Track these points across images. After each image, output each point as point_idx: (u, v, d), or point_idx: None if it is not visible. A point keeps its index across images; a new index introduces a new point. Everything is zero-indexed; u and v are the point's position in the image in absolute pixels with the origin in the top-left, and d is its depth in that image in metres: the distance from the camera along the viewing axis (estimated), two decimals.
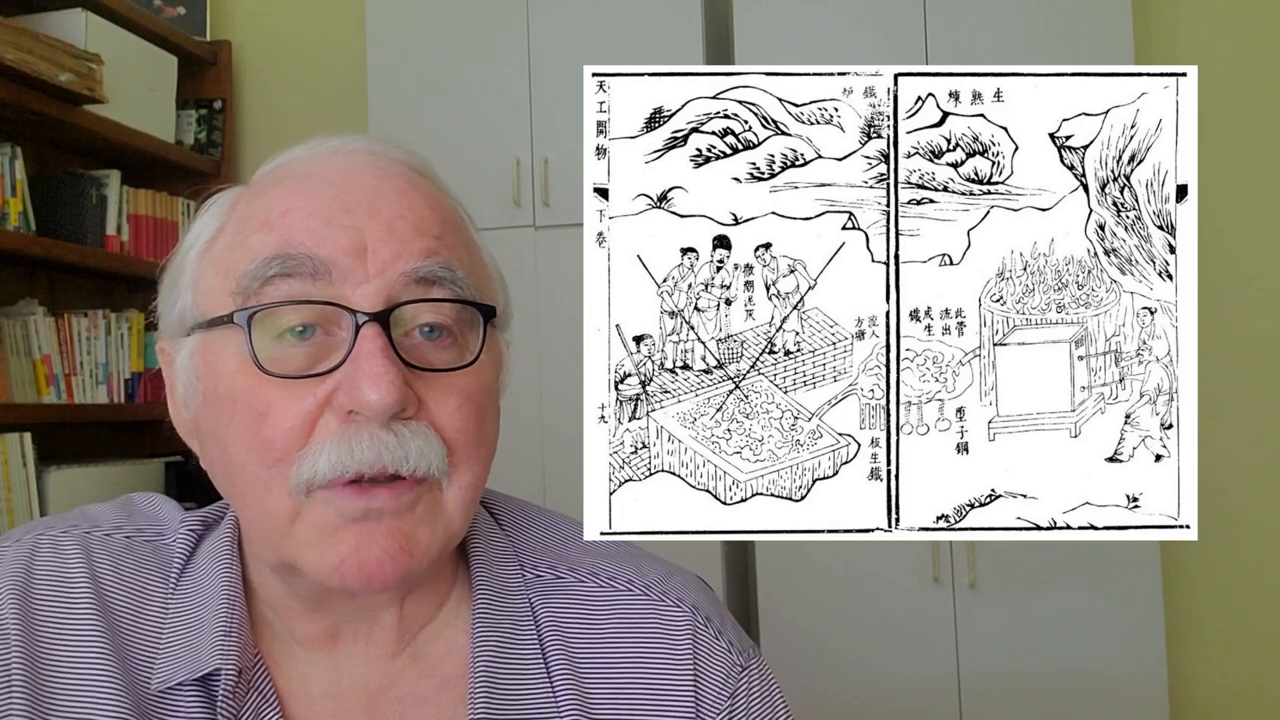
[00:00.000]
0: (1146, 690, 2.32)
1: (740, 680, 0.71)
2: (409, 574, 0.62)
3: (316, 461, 0.60)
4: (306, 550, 0.61)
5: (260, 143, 2.97)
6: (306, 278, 0.61)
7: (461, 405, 0.63)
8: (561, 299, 2.42)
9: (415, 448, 0.60)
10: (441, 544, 0.64)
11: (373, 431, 0.60)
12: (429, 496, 0.63)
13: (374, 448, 0.60)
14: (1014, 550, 2.35)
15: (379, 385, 0.59)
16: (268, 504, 0.62)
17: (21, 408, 2.20)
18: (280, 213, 0.63)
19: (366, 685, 0.67)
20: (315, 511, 0.61)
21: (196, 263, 0.66)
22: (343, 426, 0.60)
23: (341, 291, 0.61)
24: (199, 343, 0.65)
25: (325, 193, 0.64)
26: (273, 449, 0.61)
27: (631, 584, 0.72)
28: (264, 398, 0.61)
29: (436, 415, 0.62)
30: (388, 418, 0.60)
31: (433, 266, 0.63)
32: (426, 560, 0.63)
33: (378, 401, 0.59)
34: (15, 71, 2.09)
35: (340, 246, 0.62)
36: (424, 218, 0.64)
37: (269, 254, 0.62)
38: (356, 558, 0.60)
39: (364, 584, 0.61)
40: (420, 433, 0.61)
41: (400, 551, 0.61)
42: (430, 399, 0.62)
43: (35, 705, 0.63)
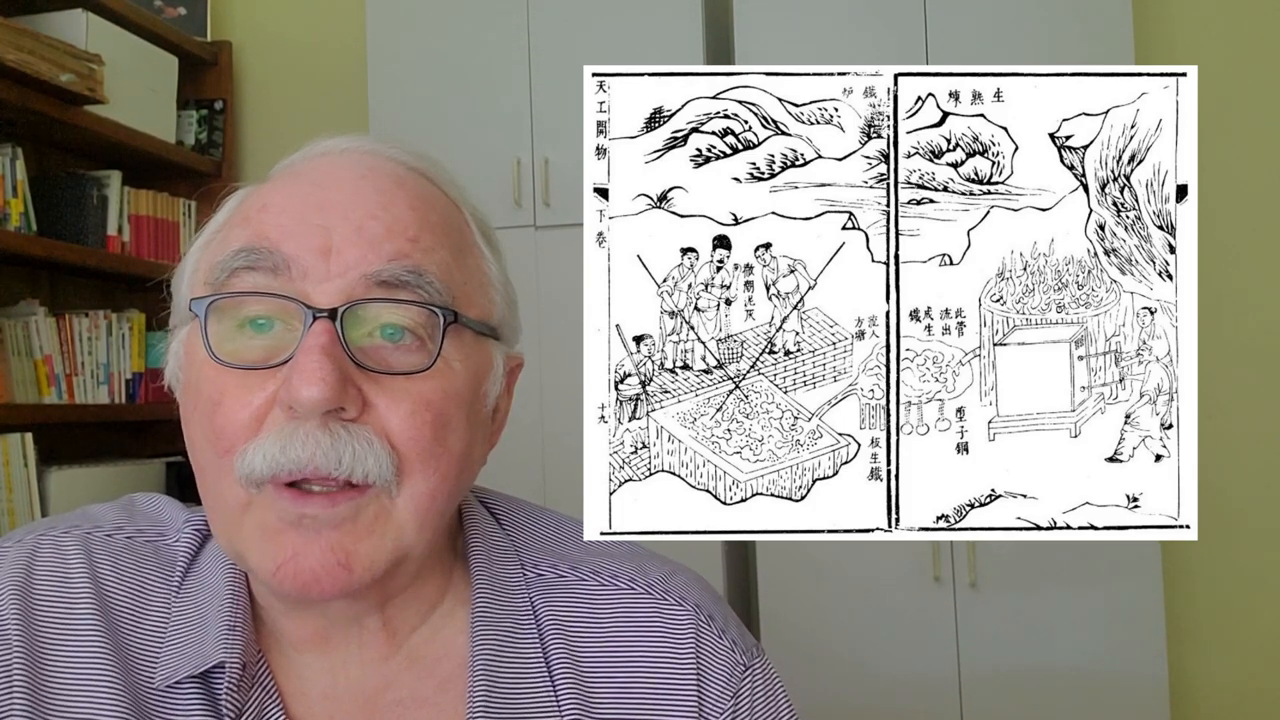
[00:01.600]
0: (1147, 690, 2.32)
1: (744, 679, 0.71)
2: (350, 587, 0.61)
3: (255, 456, 0.59)
4: (251, 547, 0.61)
5: (261, 143, 2.97)
6: (268, 272, 0.61)
7: (415, 412, 0.61)
8: (562, 299, 2.42)
9: (350, 451, 0.59)
10: (390, 556, 0.62)
11: (309, 430, 0.59)
12: (374, 506, 0.61)
13: (308, 448, 0.59)
14: (1014, 550, 2.35)
15: (311, 381, 0.58)
16: (221, 492, 0.62)
17: (23, 408, 2.20)
18: (258, 209, 0.64)
19: (364, 687, 0.67)
20: (262, 509, 0.61)
21: (197, 255, 0.67)
22: (285, 424, 0.60)
23: (302, 288, 0.61)
24: (186, 331, 0.66)
25: (302, 191, 0.64)
26: (223, 438, 0.61)
27: (634, 582, 0.72)
28: (220, 387, 0.61)
29: (387, 420, 0.61)
30: (323, 417, 0.59)
31: (397, 270, 0.62)
32: (370, 575, 0.61)
33: (307, 398, 0.58)
34: (16, 72, 2.09)
35: (306, 244, 0.62)
36: (400, 219, 0.64)
37: (238, 247, 0.63)
38: (293, 565, 0.60)
39: (300, 592, 0.60)
40: (361, 436, 0.60)
41: (337, 566, 0.60)
42: (381, 403, 0.61)
43: (36, 705, 0.63)
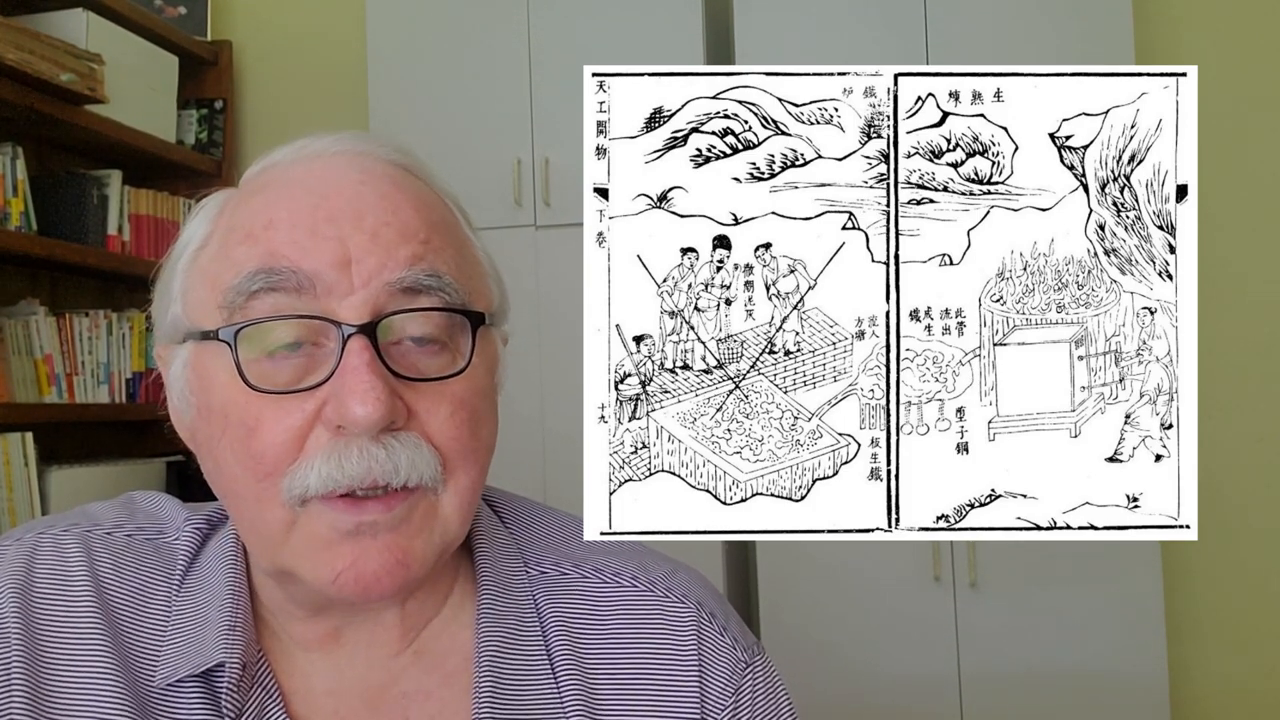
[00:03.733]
0: (1147, 690, 2.32)
1: (744, 677, 0.71)
2: (407, 584, 0.62)
3: (308, 476, 0.60)
4: (303, 561, 0.62)
5: (261, 143, 2.97)
6: (292, 292, 0.61)
7: (454, 413, 0.63)
8: (562, 299, 2.42)
9: (406, 459, 0.60)
10: (439, 550, 0.64)
11: (362, 445, 0.60)
12: (424, 504, 0.62)
13: (364, 461, 0.59)
14: (1014, 550, 2.35)
15: (365, 400, 0.58)
16: (263, 515, 0.62)
17: (23, 407, 2.20)
18: (264, 225, 0.63)
19: (369, 682, 0.68)
20: (310, 523, 0.61)
21: (186, 271, 0.66)
22: (333, 440, 0.60)
23: (327, 304, 0.61)
24: (191, 354, 0.65)
25: (308, 201, 0.63)
26: (263, 463, 0.61)
27: (636, 580, 0.72)
28: (254, 412, 0.61)
29: (428, 424, 0.62)
30: (377, 431, 0.59)
31: (418, 275, 0.62)
32: (424, 569, 0.63)
33: (364, 417, 0.58)
34: (17, 71, 2.10)
35: (324, 259, 0.61)
36: (409, 222, 0.64)
37: (253, 268, 0.62)
38: (353, 571, 0.61)
39: (361, 595, 0.61)
40: (410, 444, 0.61)
41: (397, 565, 0.61)
42: (421, 408, 0.62)
43: (36, 704, 0.63)
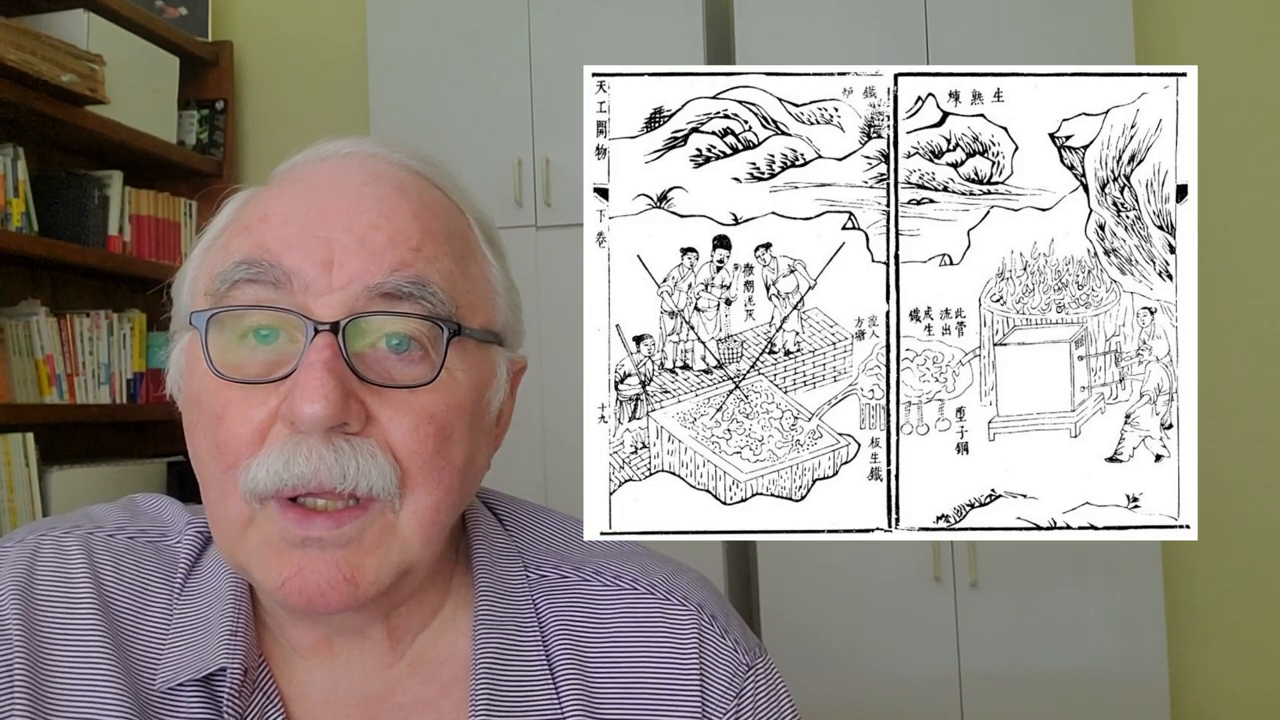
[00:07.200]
0: (1147, 690, 2.32)
1: (746, 679, 0.71)
2: (353, 603, 0.61)
3: (259, 471, 0.59)
4: (255, 562, 0.61)
5: (262, 143, 2.97)
6: (270, 285, 0.61)
7: (418, 425, 0.61)
8: (562, 299, 2.42)
9: (355, 465, 0.59)
10: (396, 570, 0.62)
11: (312, 445, 0.59)
12: (380, 522, 0.61)
13: (310, 462, 0.58)
14: (1015, 550, 2.35)
15: (313, 398, 0.57)
16: (225, 507, 0.61)
17: (24, 408, 2.20)
18: (259, 218, 0.63)
19: (366, 693, 0.67)
20: (266, 524, 0.60)
21: (198, 260, 0.67)
22: (289, 438, 0.59)
23: (303, 301, 0.61)
24: (187, 339, 0.65)
25: (305, 199, 0.63)
26: (226, 452, 0.60)
27: (636, 582, 0.72)
28: (222, 400, 0.61)
29: (390, 433, 0.60)
30: (327, 431, 0.58)
31: (399, 281, 0.61)
32: (375, 589, 0.61)
33: (310, 415, 0.58)
34: (17, 72, 2.10)
35: (308, 256, 0.61)
36: (402, 228, 0.63)
37: (239, 258, 0.62)
38: (298, 581, 0.60)
39: (306, 606, 0.60)
40: (365, 450, 0.59)
41: (344, 581, 0.60)
42: (384, 416, 0.60)
43: (37, 706, 0.63)
